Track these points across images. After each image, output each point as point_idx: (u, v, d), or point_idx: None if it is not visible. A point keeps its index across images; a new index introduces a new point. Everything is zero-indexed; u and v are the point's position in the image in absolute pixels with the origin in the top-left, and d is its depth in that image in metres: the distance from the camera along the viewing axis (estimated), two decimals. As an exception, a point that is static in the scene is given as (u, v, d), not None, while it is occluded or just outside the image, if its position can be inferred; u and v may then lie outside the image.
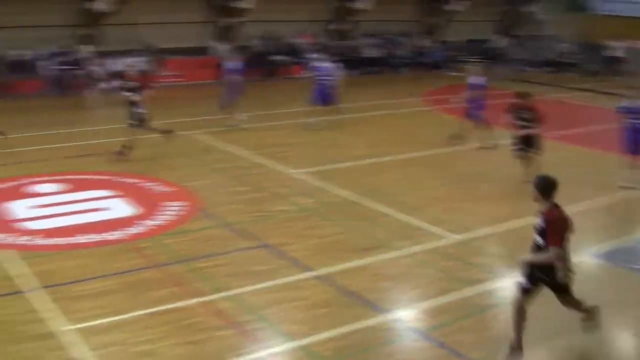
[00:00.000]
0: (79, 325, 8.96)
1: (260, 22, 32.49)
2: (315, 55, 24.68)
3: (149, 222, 12.90)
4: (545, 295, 8.19)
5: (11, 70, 27.24)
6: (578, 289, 8.29)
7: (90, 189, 14.93)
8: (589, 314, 8.62)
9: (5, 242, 11.93)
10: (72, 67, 28.04)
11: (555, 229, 7.76)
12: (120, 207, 13.80)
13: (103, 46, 29.32)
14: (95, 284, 10.27)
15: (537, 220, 7.96)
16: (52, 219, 13.11)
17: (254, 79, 30.88)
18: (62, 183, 15.28)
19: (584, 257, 11.28)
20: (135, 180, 15.55)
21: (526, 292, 8.06)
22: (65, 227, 12.61)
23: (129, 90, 17.16)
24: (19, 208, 13.65)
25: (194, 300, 9.74)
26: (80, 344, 8.52)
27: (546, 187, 7.88)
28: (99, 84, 28.04)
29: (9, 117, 21.97)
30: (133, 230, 12.52)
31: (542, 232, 7.85)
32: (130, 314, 9.34)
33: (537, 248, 7.95)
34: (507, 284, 10.00)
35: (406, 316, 9.70)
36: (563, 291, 8.12)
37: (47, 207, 13.76)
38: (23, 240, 12.02)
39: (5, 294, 9.99)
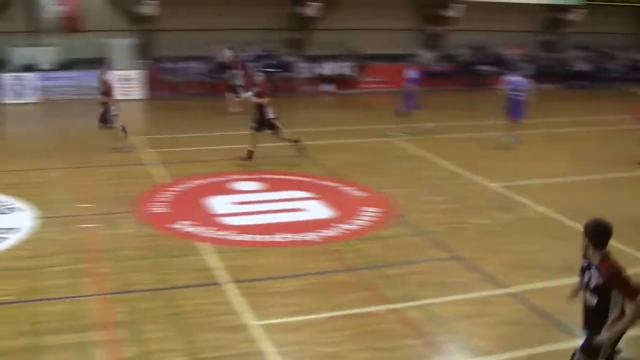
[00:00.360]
0: (265, 322, 9.08)
1: (467, 31, 32.04)
2: (510, 69, 24.04)
3: (344, 226, 12.93)
4: None
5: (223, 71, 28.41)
6: None
7: (287, 190, 15.21)
8: None
9: (205, 234, 12.35)
10: (279, 70, 28.81)
11: (623, 279, 6.36)
12: (316, 209, 13.93)
13: (309, 50, 29.97)
14: (285, 283, 10.39)
15: (588, 277, 6.60)
16: (249, 216, 13.44)
17: (459, 89, 30.60)
18: (260, 182, 15.66)
19: None
20: (332, 184, 15.66)
21: None
22: (261, 225, 12.86)
23: (258, 95, 17.14)
24: (219, 203, 14.11)
25: (383, 307, 9.62)
26: (265, 340, 8.62)
27: (602, 233, 6.49)
28: (304, 87, 28.71)
29: (209, 115, 22.88)
30: (328, 232, 12.58)
31: (600, 290, 6.46)
32: (318, 315, 9.36)
33: (596, 312, 6.56)
34: None
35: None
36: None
37: (245, 205, 14.15)
38: (220, 234, 12.39)
39: (204, 284, 10.33)
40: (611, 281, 6.37)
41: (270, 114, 17.08)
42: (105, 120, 18.25)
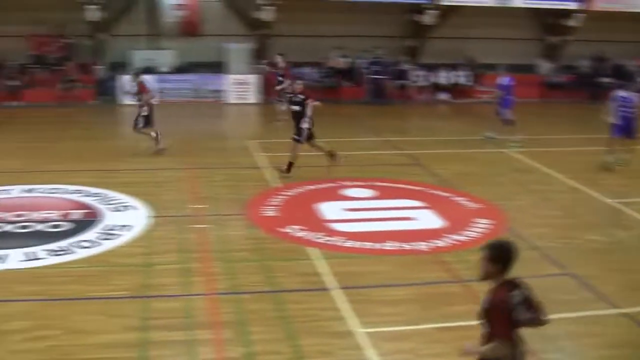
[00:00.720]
0: (371, 329, 9.01)
1: (588, 41, 31.14)
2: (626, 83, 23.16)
3: (454, 237, 12.72)
4: None
5: (341, 77, 28.61)
6: None
7: (398, 198, 15.10)
8: None
9: (314, 240, 12.37)
10: (393, 78, 28.75)
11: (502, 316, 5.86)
12: (426, 219, 13.76)
13: (425, 58, 29.78)
14: (393, 291, 10.31)
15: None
16: (358, 223, 13.41)
17: (578, 101, 29.77)
18: (371, 189, 15.59)
19: None
20: (443, 193, 15.46)
21: None
22: (371, 233, 12.79)
23: (296, 104, 16.63)
24: (329, 209, 14.13)
25: (491, 321, 9.41)
26: (370, 348, 8.56)
27: (502, 257, 6.03)
28: (420, 95, 28.58)
29: (321, 121, 22.91)
30: (438, 243, 12.41)
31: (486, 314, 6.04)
32: (424, 326, 9.23)
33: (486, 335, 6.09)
34: None
35: None
36: None
37: (355, 212, 14.10)
38: (329, 240, 12.39)
39: (312, 289, 10.38)
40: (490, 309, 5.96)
41: (305, 124, 16.41)
42: (136, 123, 18.70)
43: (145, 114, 18.52)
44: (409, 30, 29.80)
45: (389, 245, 12.16)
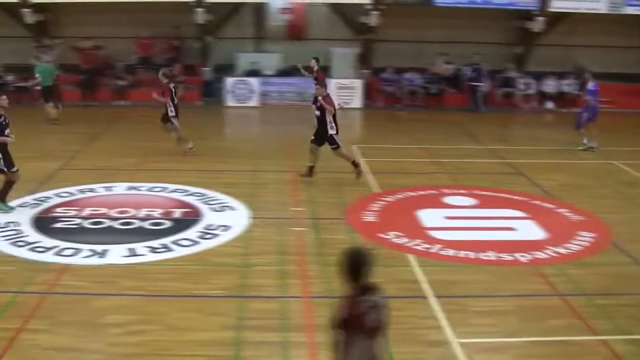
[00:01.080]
0: (465, 340, 8.91)
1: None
2: None
3: (555, 249, 12.43)
4: None
5: (445, 83, 28.40)
6: None
7: (498, 207, 14.89)
8: None
9: (412, 246, 12.32)
10: (499, 85, 28.36)
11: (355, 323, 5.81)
12: (527, 230, 13.49)
13: (531, 66, 29.24)
14: (489, 302, 10.17)
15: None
16: (458, 231, 13.27)
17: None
18: (471, 197, 15.41)
19: None
20: (545, 204, 15.14)
21: None
22: (470, 242, 12.64)
23: (317, 109, 16.18)
24: (428, 216, 14.02)
25: (590, 337, 9.15)
26: (464, 358, 8.47)
27: (351, 266, 5.96)
28: (525, 104, 28.13)
29: (420, 127, 22.83)
30: (538, 254, 12.14)
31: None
32: (519, 338, 9.09)
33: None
34: None
35: None
36: None
37: (455, 220, 13.96)
38: (428, 247, 12.31)
39: (409, 296, 10.34)
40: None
41: (332, 130, 16.06)
42: (165, 119, 18.71)
43: (173, 115, 18.70)
44: (516, 37, 29.31)
45: (488, 255, 11.99)
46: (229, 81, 27.22)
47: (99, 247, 11.81)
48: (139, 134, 21.54)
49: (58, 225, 13.00)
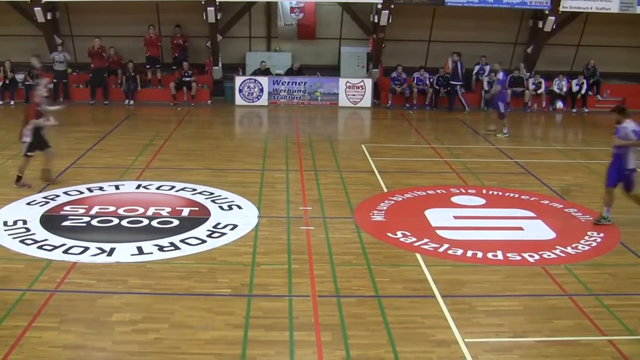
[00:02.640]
0: (472, 340, 8.89)
1: None
2: None
3: (564, 249, 12.40)
4: None
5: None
6: None
7: (508, 207, 14.86)
8: None
9: (420, 246, 12.30)
10: (513, 87, 28.27)
11: None
12: (536, 230, 13.45)
13: (542, 65, 29.13)
14: (497, 302, 10.16)
15: None
16: (466, 231, 13.25)
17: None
18: (480, 197, 15.38)
19: None
20: (555, 204, 15.10)
21: None
22: (478, 242, 12.62)
23: None
24: (436, 216, 14.00)
25: (598, 338, 9.12)
26: (470, 359, 8.45)
27: None
28: (535, 103, 28.07)
29: (428, 127, 22.80)
30: (547, 254, 12.11)
31: None
32: (527, 339, 9.06)
33: None
34: None
35: None
36: None
37: (463, 219, 13.92)
38: (436, 247, 12.28)
39: (415, 295, 10.33)
40: None
41: None
42: None
43: None
44: (526, 36, 29.21)
45: (496, 255, 11.96)
46: (240, 80, 27.21)
47: (107, 246, 11.84)
48: (148, 133, 21.55)
49: (66, 223, 13.03)
